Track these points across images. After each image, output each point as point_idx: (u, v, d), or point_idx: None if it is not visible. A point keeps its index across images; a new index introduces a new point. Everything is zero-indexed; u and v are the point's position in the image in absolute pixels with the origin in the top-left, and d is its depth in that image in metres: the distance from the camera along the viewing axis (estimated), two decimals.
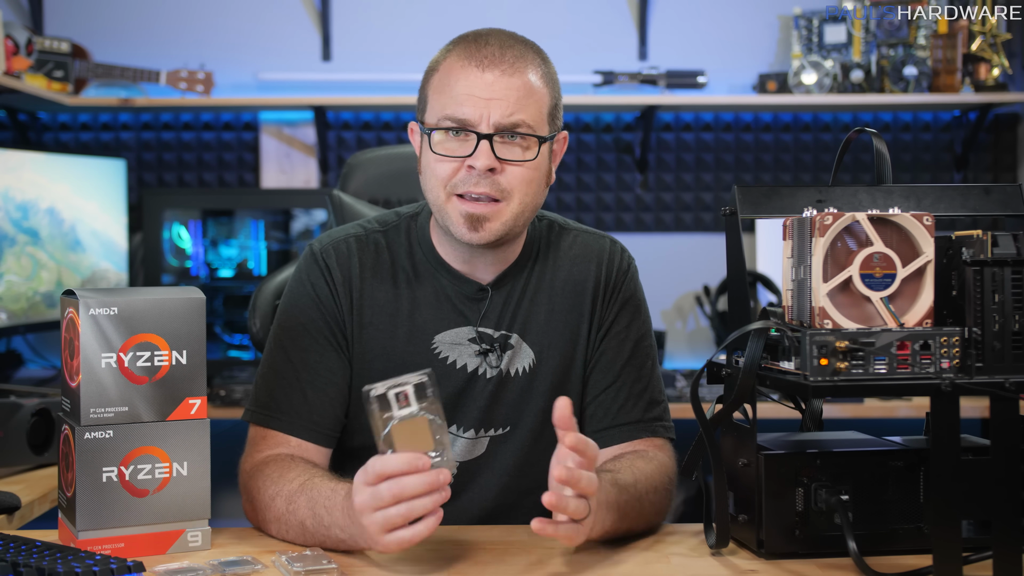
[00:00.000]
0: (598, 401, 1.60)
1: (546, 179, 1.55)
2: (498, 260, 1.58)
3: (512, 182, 1.48)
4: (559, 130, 1.56)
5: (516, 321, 1.59)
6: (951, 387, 1.18)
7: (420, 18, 3.69)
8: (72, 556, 1.22)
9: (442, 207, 1.50)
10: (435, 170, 1.50)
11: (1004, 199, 1.39)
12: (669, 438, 1.62)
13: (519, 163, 1.48)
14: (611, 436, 1.58)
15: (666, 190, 3.81)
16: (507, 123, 1.46)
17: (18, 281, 3.09)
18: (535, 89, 1.50)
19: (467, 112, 1.46)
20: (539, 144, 1.49)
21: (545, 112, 1.51)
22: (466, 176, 1.47)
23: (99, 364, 1.33)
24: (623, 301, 1.63)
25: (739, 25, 3.78)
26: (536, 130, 1.49)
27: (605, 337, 1.61)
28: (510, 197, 1.48)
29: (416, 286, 1.59)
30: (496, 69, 1.47)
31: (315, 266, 1.59)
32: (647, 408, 1.60)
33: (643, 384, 1.61)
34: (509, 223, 1.49)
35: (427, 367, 1.56)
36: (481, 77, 1.47)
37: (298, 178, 3.77)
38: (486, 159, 1.46)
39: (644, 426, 1.59)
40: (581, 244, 1.64)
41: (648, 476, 1.47)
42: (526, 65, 1.50)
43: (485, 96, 1.46)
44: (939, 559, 1.18)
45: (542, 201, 1.55)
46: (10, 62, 3.16)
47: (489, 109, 1.46)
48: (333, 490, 1.36)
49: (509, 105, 1.46)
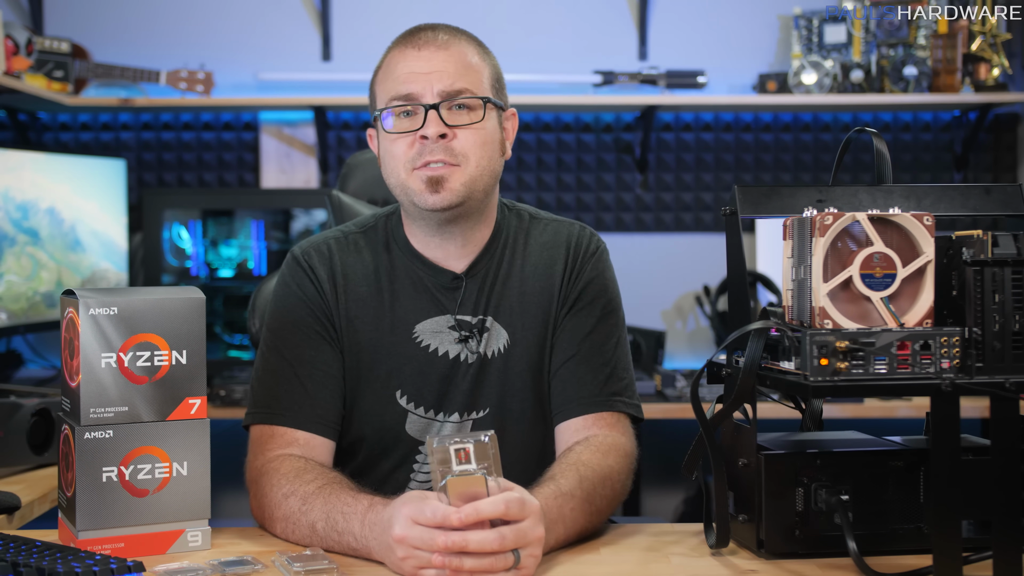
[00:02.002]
0: (558, 375, 1.62)
1: (499, 147, 1.60)
2: (468, 241, 1.61)
3: (465, 146, 1.54)
4: (506, 106, 1.63)
5: (490, 304, 1.63)
6: (951, 387, 1.18)
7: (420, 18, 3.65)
8: (72, 556, 1.22)
9: (404, 183, 1.55)
10: (392, 151, 1.56)
11: (1004, 199, 1.39)
12: (630, 415, 1.62)
13: (468, 126, 1.54)
14: (569, 410, 1.60)
15: (666, 190, 3.81)
16: (451, 90, 1.54)
17: (18, 281, 3.09)
18: (472, 62, 1.58)
19: (411, 88, 1.54)
20: (484, 104, 1.56)
21: (486, 82, 1.58)
22: (421, 148, 1.53)
23: (99, 364, 1.33)
24: (589, 279, 1.65)
25: (739, 25, 3.78)
26: (480, 95, 1.56)
27: (568, 312, 1.64)
28: (466, 160, 1.54)
29: (395, 279, 1.62)
30: (431, 45, 1.57)
31: (298, 268, 1.63)
32: (606, 383, 1.61)
33: (604, 358, 1.62)
34: (468, 184, 1.54)
35: (411, 356, 1.59)
36: (418, 55, 1.57)
37: (298, 178, 3.77)
38: (436, 126, 1.52)
39: (602, 401, 1.60)
40: (552, 231, 1.69)
41: (595, 468, 1.47)
42: (459, 43, 1.59)
43: (425, 71, 1.55)
44: (939, 559, 1.18)
45: (499, 169, 1.60)
46: (10, 62, 3.16)
47: (430, 81, 1.54)
48: (354, 498, 1.37)
49: (449, 75, 1.54)
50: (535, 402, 1.62)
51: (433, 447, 1.24)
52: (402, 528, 1.24)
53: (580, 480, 1.43)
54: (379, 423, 1.61)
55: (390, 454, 1.62)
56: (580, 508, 1.41)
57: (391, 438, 1.61)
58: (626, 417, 1.62)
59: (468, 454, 1.24)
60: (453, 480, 1.23)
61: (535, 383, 1.62)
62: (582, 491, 1.42)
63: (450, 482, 1.23)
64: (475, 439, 1.25)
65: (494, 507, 1.22)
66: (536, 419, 1.63)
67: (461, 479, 1.23)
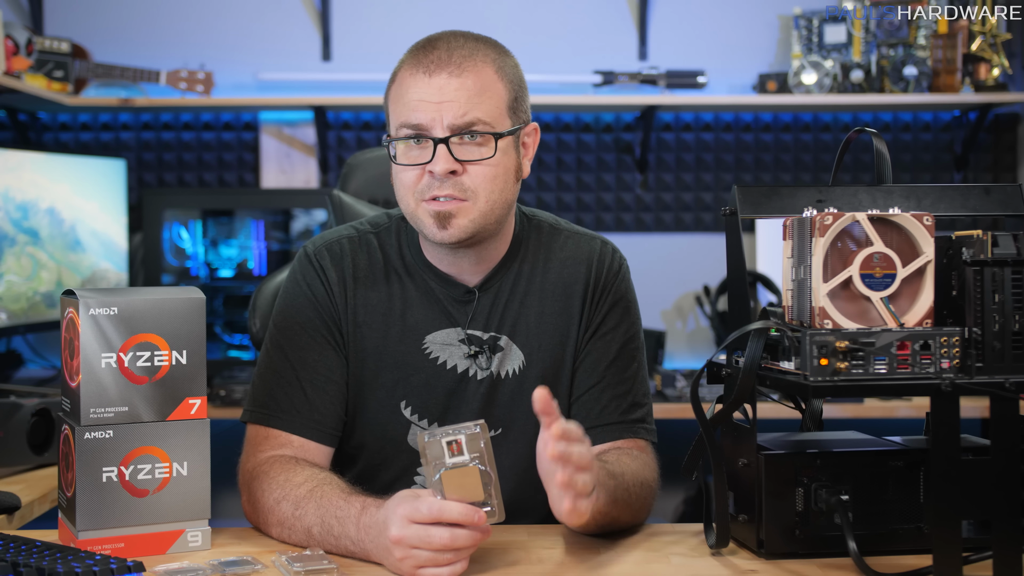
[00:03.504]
0: (581, 401, 1.61)
1: (514, 174, 1.54)
2: (481, 260, 1.58)
3: (475, 181, 1.48)
4: (525, 122, 1.56)
5: (505, 323, 1.60)
6: (951, 387, 1.18)
7: (420, 18, 3.68)
8: (72, 556, 1.22)
9: (413, 213, 1.52)
10: (402, 179, 1.51)
11: (1004, 199, 1.39)
12: (651, 441, 1.62)
13: (479, 162, 1.48)
14: (593, 436, 1.58)
15: (666, 190, 3.81)
16: (461, 123, 1.47)
17: (18, 281, 3.09)
18: (488, 85, 1.49)
19: (420, 118, 1.47)
20: (495, 140, 1.49)
21: (503, 106, 1.51)
22: (430, 181, 1.48)
23: (99, 364, 1.33)
24: (612, 302, 1.63)
25: (739, 25, 3.78)
26: (494, 126, 1.49)
27: (592, 337, 1.62)
28: (475, 196, 1.49)
29: (408, 286, 1.60)
30: (443, 72, 1.47)
31: (310, 267, 1.60)
32: (628, 410, 1.60)
33: (627, 386, 1.61)
34: (478, 221, 1.50)
35: (419, 367, 1.57)
36: (430, 82, 1.47)
37: (298, 178, 3.77)
38: (444, 163, 1.46)
39: (626, 427, 1.59)
40: (572, 246, 1.64)
41: (634, 471, 1.48)
42: (475, 63, 1.49)
43: (435, 100, 1.47)
44: (939, 559, 1.18)
45: (513, 196, 1.55)
46: (10, 62, 3.16)
47: (441, 112, 1.46)
48: (346, 501, 1.36)
49: (460, 105, 1.47)
50: None
51: (424, 441, 1.24)
52: (399, 528, 1.24)
53: (623, 472, 1.44)
54: (381, 433, 1.59)
55: (391, 465, 1.61)
56: (621, 491, 1.41)
57: (393, 449, 1.60)
58: (650, 444, 1.62)
59: (460, 446, 1.24)
60: (448, 473, 1.23)
61: None
62: (624, 480, 1.43)
63: (444, 475, 1.23)
64: (466, 431, 1.25)
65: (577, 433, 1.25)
66: None
67: (455, 472, 1.23)
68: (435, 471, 1.24)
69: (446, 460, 1.24)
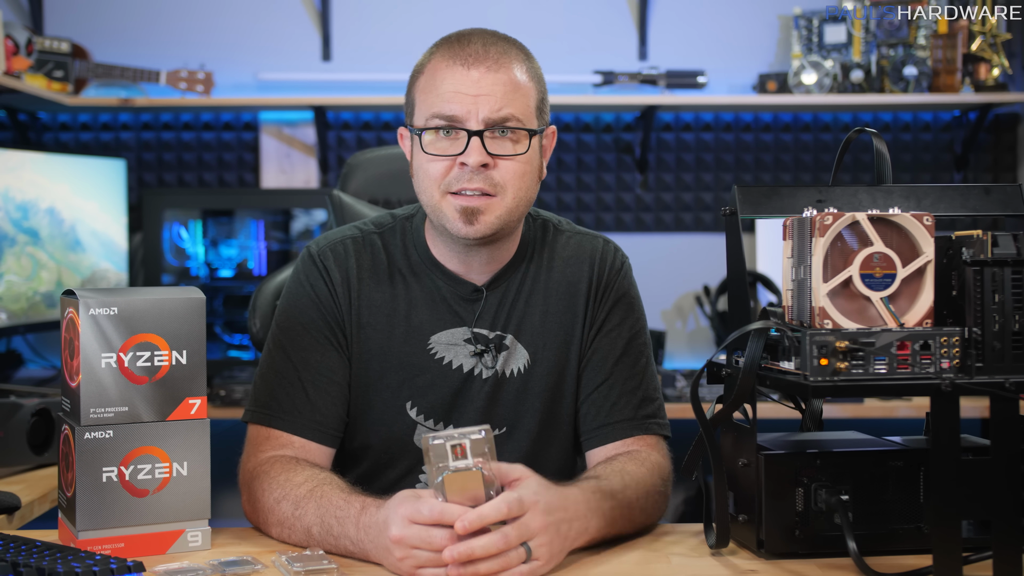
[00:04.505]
0: (591, 399, 1.60)
1: (538, 173, 1.55)
2: (492, 259, 1.59)
3: (505, 176, 1.49)
4: (547, 124, 1.57)
5: (511, 322, 1.60)
6: (951, 387, 1.18)
7: (420, 18, 3.68)
8: (72, 556, 1.22)
9: (437, 206, 1.51)
10: (428, 170, 1.51)
11: (1004, 199, 1.39)
12: (664, 435, 1.61)
13: (511, 157, 1.49)
14: (604, 434, 1.58)
15: (666, 190, 3.81)
16: (496, 118, 1.47)
17: (18, 281, 3.09)
18: (521, 84, 1.51)
19: (455, 109, 1.47)
20: (529, 137, 1.50)
21: (533, 106, 1.52)
22: (459, 173, 1.48)
23: (99, 364, 1.33)
24: (615, 299, 1.63)
25: (739, 25, 3.78)
26: (525, 123, 1.50)
27: (598, 335, 1.62)
28: (504, 191, 1.49)
29: (412, 286, 1.59)
30: (481, 66, 1.48)
31: (313, 267, 1.60)
32: (640, 405, 1.60)
33: (636, 381, 1.61)
34: (504, 217, 1.50)
35: (424, 367, 1.57)
36: (467, 74, 1.48)
37: (298, 178, 3.77)
38: (478, 155, 1.47)
39: (637, 423, 1.59)
40: (575, 245, 1.65)
41: (639, 480, 1.47)
42: (510, 61, 1.51)
43: (472, 93, 1.47)
44: (939, 559, 1.18)
45: (535, 196, 1.56)
46: (10, 62, 3.16)
47: (477, 105, 1.47)
48: (346, 501, 1.36)
49: (497, 100, 1.47)
50: (552, 422, 1.61)
51: (429, 444, 1.24)
52: (399, 529, 1.24)
53: (624, 486, 1.43)
54: (387, 433, 1.59)
55: (396, 464, 1.61)
56: (619, 510, 1.40)
57: (398, 448, 1.60)
58: (662, 439, 1.61)
59: (464, 450, 1.24)
60: (450, 476, 1.23)
61: (553, 403, 1.61)
62: (624, 496, 1.42)
63: (447, 478, 1.23)
64: (471, 435, 1.24)
65: (496, 512, 1.22)
66: (552, 439, 1.62)
67: (458, 475, 1.23)
68: (438, 474, 1.23)
69: (450, 463, 1.24)
